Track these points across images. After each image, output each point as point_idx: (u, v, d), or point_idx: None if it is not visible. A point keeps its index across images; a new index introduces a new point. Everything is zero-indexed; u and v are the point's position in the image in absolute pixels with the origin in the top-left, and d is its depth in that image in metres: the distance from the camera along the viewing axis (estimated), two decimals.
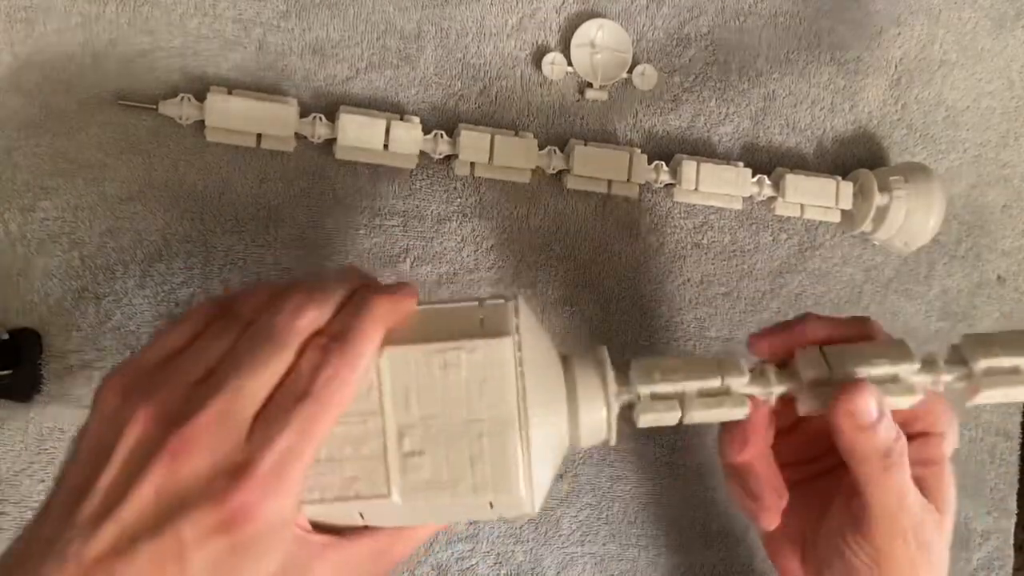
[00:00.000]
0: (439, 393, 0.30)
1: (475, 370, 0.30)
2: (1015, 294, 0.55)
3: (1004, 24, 0.55)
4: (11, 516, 0.43)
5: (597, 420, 0.33)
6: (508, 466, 0.30)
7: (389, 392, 0.30)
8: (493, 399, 0.30)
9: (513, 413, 0.30)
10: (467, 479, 0.30)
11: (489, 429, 0.30)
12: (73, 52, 0.43)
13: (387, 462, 0.30)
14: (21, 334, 0.43)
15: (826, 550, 0.36)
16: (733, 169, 0.49)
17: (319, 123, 0.44)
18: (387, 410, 0.30)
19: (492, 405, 0.30)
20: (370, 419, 0.30)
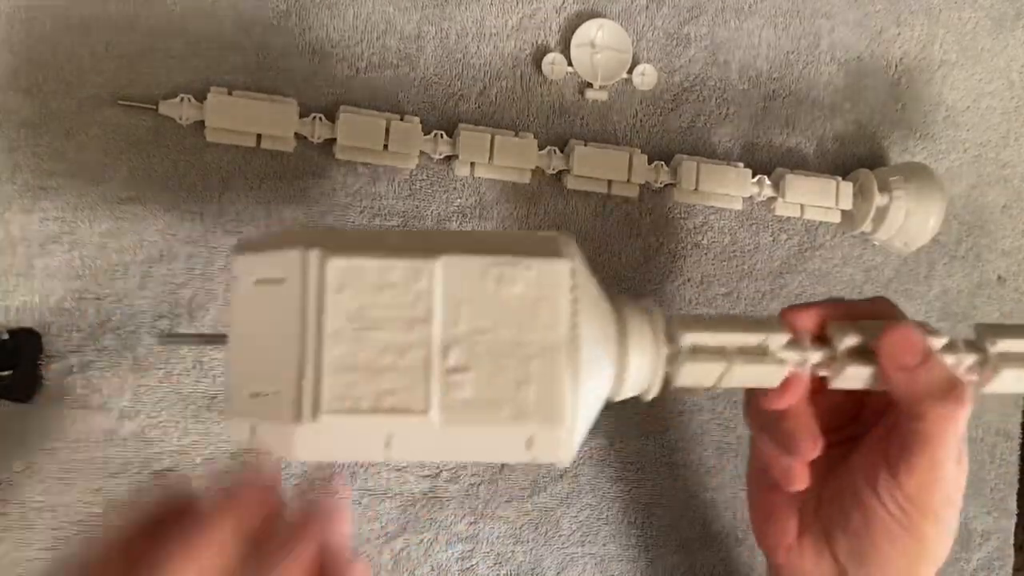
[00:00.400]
0: (491, 308, 0.29)
1: (531, 288, 0.29)
2: (1015, 294, 0.55)
3: (1004, 24, 0.55)
4: (12, 516, 0.43)
5: (645, 365, 0.32)
6: (556, 394, 0.29)
7: (440, 300, 0.29)
8: (546, 321, 0.29)
9: (565, 340, 0.29)
10: (511, 403, 0.29)
11: (539, 353, 0.29)
12: (73, 52, 0.43)
13: (429, 375, 0.28)
14: (21, 334, 0.43)
15: (840, 508, 0.35)
16: (733, 169, 0.49)
17: (319, 123, 0.44)
18: (435, 319, 0.28)
19: (545, 327, 0.29)
20: (416, 327, 0.28)
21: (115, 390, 0.44)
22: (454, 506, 0.47)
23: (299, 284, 0.28)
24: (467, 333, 0.29)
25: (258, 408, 0.29)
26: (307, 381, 0.28)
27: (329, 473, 0.30)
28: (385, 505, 0.47)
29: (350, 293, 0.28)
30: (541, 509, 0.48)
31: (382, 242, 0.30)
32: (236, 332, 0.30)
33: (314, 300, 0.28)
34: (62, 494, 0.43)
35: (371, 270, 0.29)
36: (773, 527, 0.38)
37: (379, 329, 0.28)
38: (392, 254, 0.29)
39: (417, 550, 0.47)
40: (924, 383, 0.32)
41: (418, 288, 0.29)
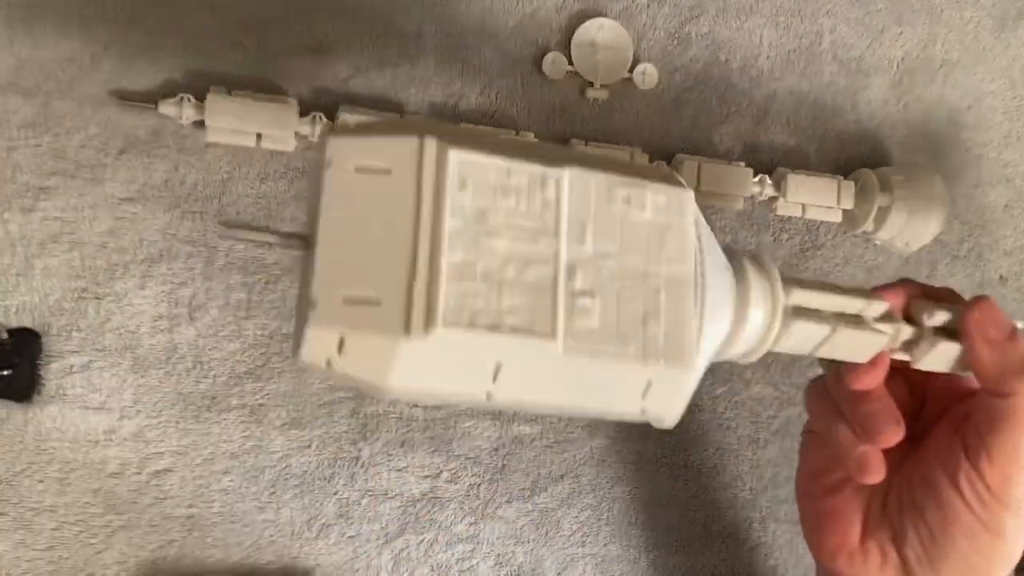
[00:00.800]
0: (618, 230, 0.26)
1: (659, 214, 0.27)
2: (1017, 294, 0.55)
3: (1006, 23, 0.55)
4: (11, 517, 0.43)
5: (763, 318, 0.30)
6: (685, 334, 0.27)
7: (567, 214, 0.26)
8: (673, 252, 0.27)
9: (692, 273, 0.27)
10: (638, 339, 0.26)
11: (667, 285, 0.27)
12: (73, 52, 0.43)
13: (556, 296, 0.25)
14: (20, 334, 0.43)
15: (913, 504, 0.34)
16: (734, 169, 0.48)
17: (319, 122, 0.44)
18: (562, 233, 0.26)
19: (671, 260, 0.27)
20: (542, 239, 0.25)
21: (115, 390, 0.44)
22: (454, 506, 0.47)
23: (413, 176, 0.24)
24: (593, 256, 0.26)
25: (354, 316, 0.24)
26: (420, 287, 0.24)
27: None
28: (385, 505, 0.47)
29: (472, 192, 0.25)
30: (542, 509, 0.48)
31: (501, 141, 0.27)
32: (327, 226, 0.25)
33: (430, 195, 0.24)
34: (62, 494, 0.43)
35: (495, 170, 0.25)
36: (834, 533, 0.36)
37: (502, 236, 0.25)
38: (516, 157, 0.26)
39: (417, 550, 0.47)
40: (1013, 358, 0.32)
41: (544, 197, 0.26)
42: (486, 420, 0.48)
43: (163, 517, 0.45)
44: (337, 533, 0.46)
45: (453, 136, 0.25)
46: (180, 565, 0.45)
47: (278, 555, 0.46)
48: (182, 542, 0.45)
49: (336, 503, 0.46)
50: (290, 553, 0.46)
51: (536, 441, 0.48)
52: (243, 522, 0.45)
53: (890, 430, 0.33)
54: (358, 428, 0.46)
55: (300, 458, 0.46)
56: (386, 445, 0.47)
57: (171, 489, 0.45)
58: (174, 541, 0.45)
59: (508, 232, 0.25)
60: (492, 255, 0.25)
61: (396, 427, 0.47)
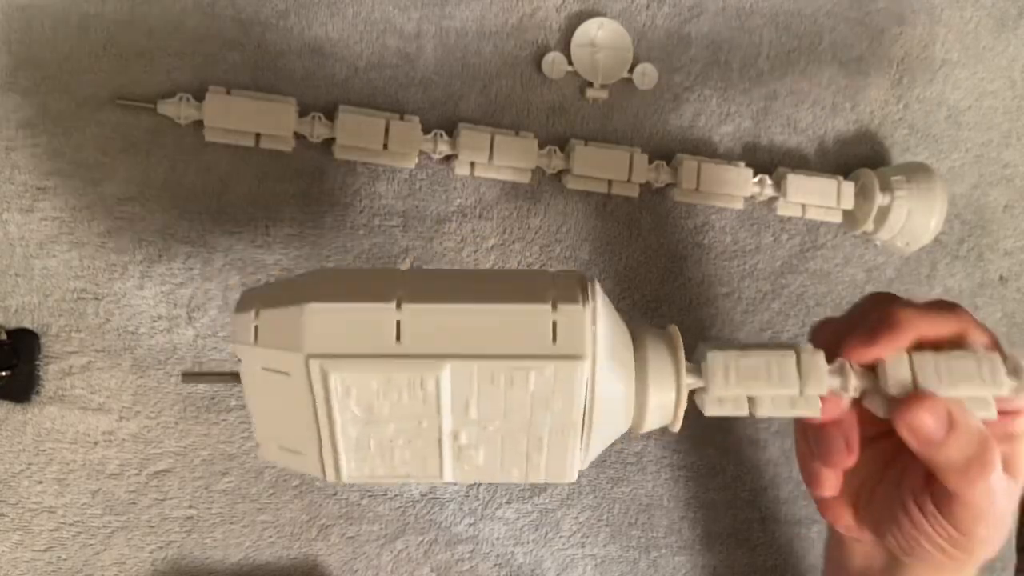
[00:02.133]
0: (500, 404, 0.29)
1: (544, 386, 0.28)
2: (1017, 294, 0.55)
3: (1006, 23, 0.55)
4: (9, 517, 0.43)
5: (664, 405, 0.31)
6: (566, 463, 0.30)
7: (448, 402, 0.29)
8: (559, 408, 0.29)
9: (577, 423, 0.29)
10: (520, 467, 0.30)
11: (550, 434, 0.29)
12: (71, 52, 0.43)
13: (441, 453, 0.30)
14: (20, 335, 0.42)
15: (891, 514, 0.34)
16: (734, 169, 0.48)
17: (318, 122, 0.44)
18: (444, 414, 0.29)
19: (557, 413, 0.29)
20: (426, 420, 0.29)
21: (114, 390, 0.44)
22: (454, 507, 0.47)
23: (305, 385, 0.29)
24: (477, 420, 0.29)
25: (289, 458, 0.31)
26: (327, 455, 0.30)
27: None
28: (385, 506, 0.46)
29: (356, 397, 0.29)
30: (541, 510, 0.48)
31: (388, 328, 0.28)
32: (252, 401, 0.31)
33: (322, 400, 0.29)
34: (61, 495, 0.43)
35: (375, 380, 0.28)
36: (829, 513, 0.37)
37: (389, 423, 0.29)
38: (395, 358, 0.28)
39: (417, 551, 0.47)
40: (944, 457, 0.31)
41: (425, 392, 0.28)
42: None
43: (162, 518, 0.45)
44: (337, 533, 0.46)
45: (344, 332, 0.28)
46: (179, 566, 0.45)
47: (278, 555, 0.45)
48: (181, 543, 0.45)
49: (336, 504, 0.46)
50: (290, 553, 0.46)
51: None
52: (243, 522, 0.45)
53: (839, 457, 0.33)
54: None
55: None
56: None
57: (170, 490, 0.45)
58: (173, 542, 0.45)
59: (394, 420, 0.29)
60: (382, 433, 0.29)
61: None
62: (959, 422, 0.31)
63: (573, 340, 0.28)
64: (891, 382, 0.31)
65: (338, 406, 0.29)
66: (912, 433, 0.30)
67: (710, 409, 0.32)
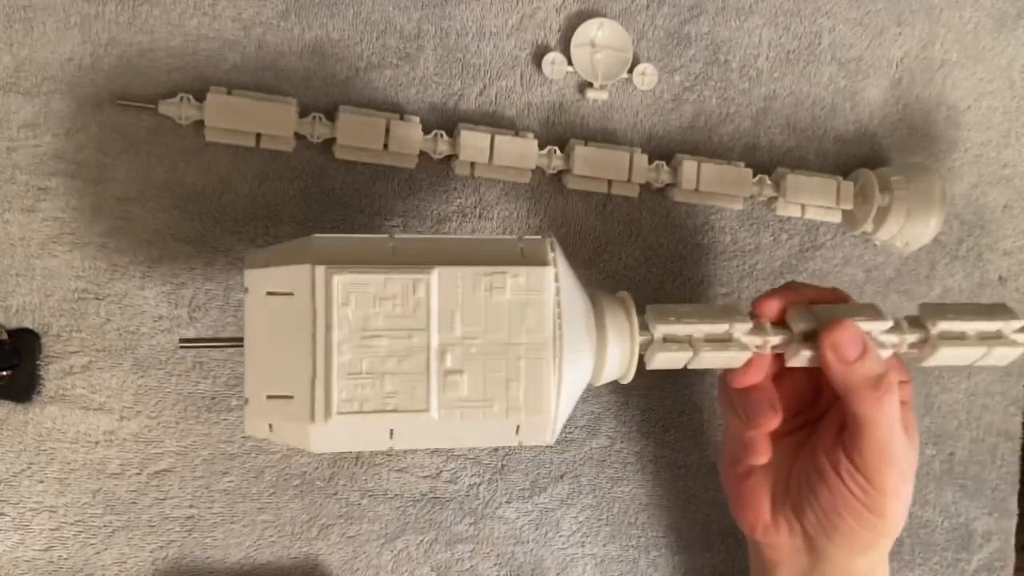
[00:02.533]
0: (482, 314, 0.32)
1: (518, 294, 0.32)
2: (1016, 294, 0.55)
3: (1005, 23, 0.55)
4: (10, 516, 0.43)
5: (622, 355, 0.36)
6: (542, 388, 0.33)
7: (436, 309, 0.32)
8: (533, 323, 0.33)
9: (550, 338, 0.33)
10: (502, 399, 0.33)
11: (527, 353, 0.33)
12: (72, 52, 0.43)
13: (428, 378, 0.32)
14: (21, 335, 0.43)
15: (809, 484, 0.39)
16: (734, 169, 0.48)
17: (319, 123, 0.44)
18: (432, 326, 0.32)
19: (531, 330, 0.33)
20: (416, 335, 0.32)
21: (115, 390, 0.44)
22: (454, 507, 0.47)
23: (308, 297, 0.31)
24: (461, 338, 0.32)
25: (275, 409, 0.32)
26: (319, 386, 0.31)
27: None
28: (385, 506, 0.47)
29: (355, 305, 0.31)
30: (541, 510, 0.48)
31: (381, 251, 0.33)
32: (251, 339, 0.33)
33: (322, 312, 0.31)
34: (61, 494, 0.43)
35: (373, 283, 0.32)
36: (750, 510, 0.41)
37: (381, 337, 0.32)
38: (391, 267, 0.32)
39: (417, 551, 0.47)
40: (859, 375, 0.36)
41: (416, 298, 0.32)
42: None
43: (163, 518, 0.45)
44: (337, 533, 0.46)
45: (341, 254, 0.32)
46: (180, 565, 0.45)
47: (278, 555, 0.46)
48: (182, 543, 0.45)
49: (336, 503, 0.46)
50: (290, 553, 0.46)
51: None
52: (243, 522, 0.45)
53: (766, 417, 0.39)
54: None
55: (300, 458, 0.46)
56: None
57: (171, 489, 0.45)
58: (174, 542, 0.45)
59: (388, 333, 0.32)
60: (375, 352, 0.32)
61: None
62: (868, 345, 0.37)
63: (538, 255, 0.33)
64: (799, 326, 0.38)
65: (337, 316, 0.31)
66: (834, 350, 0.36)
67: (657, 358, 0.37)
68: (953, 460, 0.53)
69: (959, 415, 0.53)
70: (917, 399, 0.53)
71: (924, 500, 0.53)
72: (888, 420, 0.37)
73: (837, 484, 0.38)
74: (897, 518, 0.38)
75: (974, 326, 0.39)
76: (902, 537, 0.52)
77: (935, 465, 0.53)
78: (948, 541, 0.53)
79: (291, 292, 0.32)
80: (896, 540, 0.52)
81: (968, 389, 0.54)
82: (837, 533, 0.38)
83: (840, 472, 0.38)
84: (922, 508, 0.53)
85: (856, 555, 0.39)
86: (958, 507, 0.53)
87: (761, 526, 0.41)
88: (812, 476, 0.39)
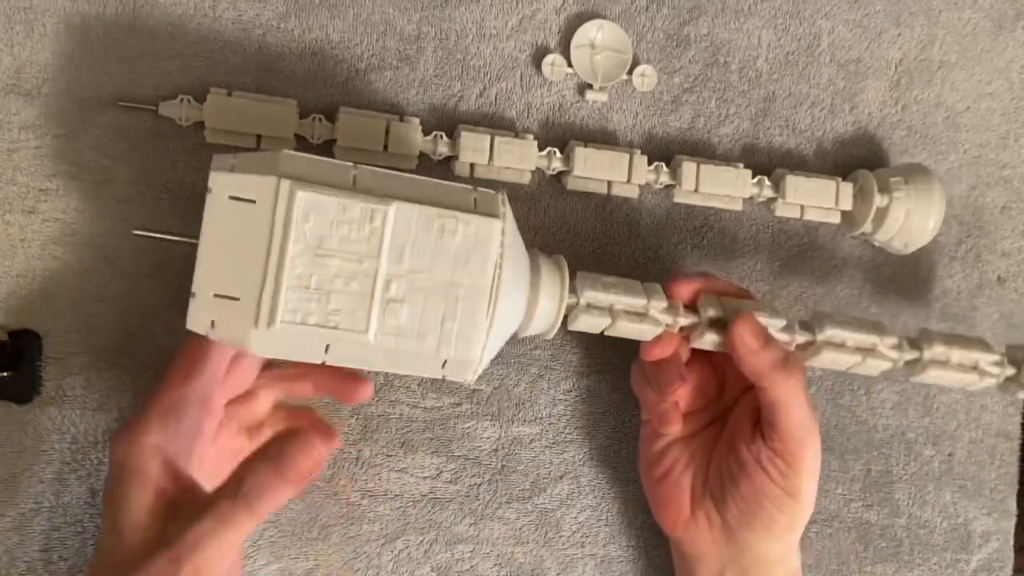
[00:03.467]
0: (431, 252, 0.34)
1: (467, 240, 0.34)
2: (1015, 295, 0.55)
3: (1004, 25, 0.55)
4: (10, 516, 0.43)
5: (550, 312, 0.39)
6: (473, 330, 0.35)
7: (389, 239, 0.33)
8: (475, 269, 0.35)
9: (489, 285, 0.35)
10: (435, 334, 0.35)
11: (465, 295, 0.35)
12: (73, 54, 0.43)
13: (371, 301, 0.34)
14: (21, 335, 0.43)
15: (730, 474, 0.42)
16: (733, 170, 0.49)
17: (319, 124, 0.44)
18: (383, 255, 0.33)
19: (472, 274, 0.35)
20: (366, 261, 0.33)
21: (115, 390, 0.44)
22: (454, 507, 0.47)
23: (269, 208, 0.32)
24: (407, 271, 0.34)
25: (220, 308, 0.33)
26: (267, 294, 0.33)
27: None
28: (385, 506, 0.47)
29: (313, 223, 0.33)
30: (541, 510, 0.48)
31: (343, 176, 0.34)
32: (206, 238, 0.33)
33: (281, 224, 0.32)
34: (61, 494, 0.43)
35: (333, 205, 0.33)
36: (670, 507, 0.44)
37: (333, 257, 0.33)
38: (353, 193, 0.33)
39: (417, 551, 0.47)
40: (765, 360, 0.40)
41: (372, 227, 0.33)
42: (486, 421, 0.48)
43: None
44: (338, 533, 0.46)
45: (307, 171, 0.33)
46: None
47: (278, 555, 0.46)
48: None
49: (337, 504, 0.46)
50: (290, 553, 0.46)
51: (535, 441, 0.48)
52: None
53: (675, 382, 0.42)
54: (358, 429, 0.46)
55: None
56: (386, 446, 0.47)
57: None
58: None
59: (340, 253, 0.33)
60: (325, 270, 0.33)
61: (396, 428, 0.47)
62: (769, 335, 0.41)
63: (489, 207, 0.35)
64: (708, 312, 0.41)
65: (294, 231, 0.32)
66: (740, 339, 0.40)
67: (580, 320, 0.40)
68: (952, 460, 0.53)
69: (958, 415, 0.53)
70: (916, 399, 0.53)
71: (923, 500, 0.53)
72: (800, 398, 0.40)
73: (757, 471, 0.41)
74: (810, 498, 0.42)
75: (855, 337, 0.42)
76: (901, 537, 0.52)
77: (934, 465, 0.53)
78: (947, 541, 0.53)
79: (254, 200, 0.32)
80: (895, 540, 0.52)
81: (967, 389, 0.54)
82: (757, 520, 0.41)
83: (761, 460, 0.41)
84: (921, 508, 0.53)
85: (773, 541, 0.42)
86: (957, 507, 0.53)
87: (682, 523, 0.44)
88: (733, 467, 0.42)
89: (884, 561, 0.52)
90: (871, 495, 0.52)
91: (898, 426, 0.53)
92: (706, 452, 0.44)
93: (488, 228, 0.35)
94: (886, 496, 0.52)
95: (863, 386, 0.52)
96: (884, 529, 0.52)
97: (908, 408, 0.53)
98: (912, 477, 0.53)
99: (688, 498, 0.44)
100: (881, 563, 0.52)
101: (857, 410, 0.52)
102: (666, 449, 0.45)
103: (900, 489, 0.53)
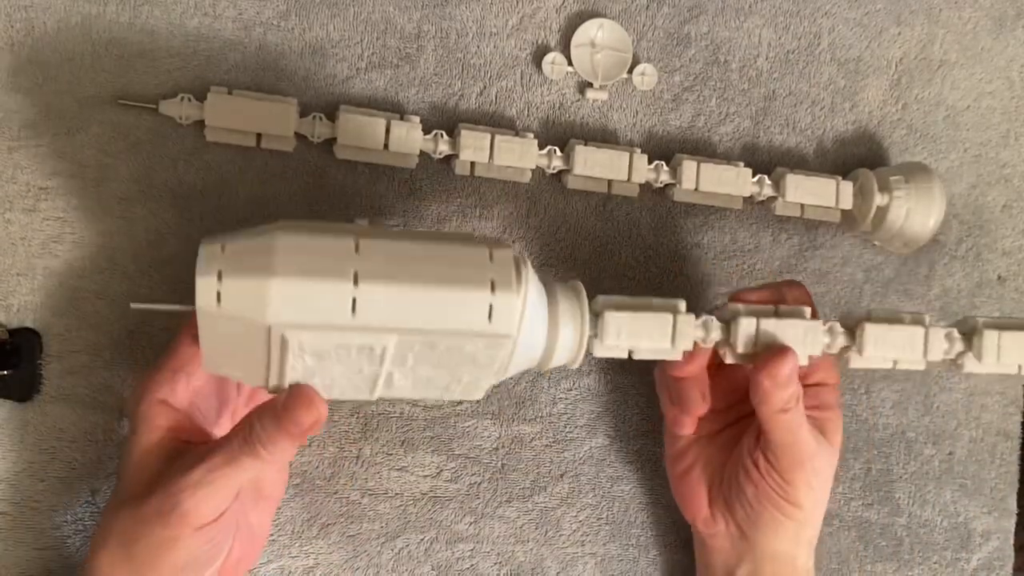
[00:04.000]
0: (435, 358, 0.34)
1: (475, 352, 0.34)
2: (1015, 294, 0.55)
3: (1004, 24, 0.55)
4: (11, 516, 0.43)
5: (571, 345, 0.37)
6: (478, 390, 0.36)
7: (390, 359, 0.34)
8: (483, 364, 0.35)
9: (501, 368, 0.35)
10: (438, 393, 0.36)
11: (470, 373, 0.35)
12: (73, 52, 0.43)
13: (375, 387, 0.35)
14: (22, 334, 0.43)
15: (737, 481, 0.43)
16: (733, 169, 0.48)
17: (319, 122, 0.44)
18: (384, 366, 0.34)
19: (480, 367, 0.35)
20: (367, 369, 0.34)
21: (115, 389, 0.44)
22: (455, 506, 0.47)
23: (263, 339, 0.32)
24: (412, 366, 0.35)
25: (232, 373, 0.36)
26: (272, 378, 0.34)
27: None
28: (386, 505, 0.47)
29: (310, 352, 0.33)
30: (542, 509, 0.48)
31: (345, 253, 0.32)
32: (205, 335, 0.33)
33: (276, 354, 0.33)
34: (62, 494, 0.43)
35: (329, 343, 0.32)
36: (691, 503, 0.45)
37: (336, 366, 0.33)
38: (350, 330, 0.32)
39: (418, 550, 0.47)
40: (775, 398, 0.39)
41: (372, 354, 0.33)
42: (486, 419, 0.48)
43: None
44: (338, 532, 0.46)
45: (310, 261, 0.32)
46: None
47: (278, 553, 0.46)
48: None
49: (337, 502, 0.46)
50: (290, 553, 0.46)
51: (536, 440, 0.48)
52: None
53: (695, 405, 0.43)
54: (359, 427, 0.46)
55: (300, 457, 0.46)
56: (386, 444, 0.47)
57: None
58: None
59: (341, 366, 0.33)
60: (327, 373, 0.34)
61: (396, 426, 0.47)
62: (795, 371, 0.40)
63: (506, 322, 0.33)
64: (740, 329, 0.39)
65: (292, 358, 0.33)
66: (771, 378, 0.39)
67: (599, 353, 0.38)
68: (952, 460, 0.53)
69: (958, 415, 0.54)
70: (916, 398, 0.53)
71: (923, 499, 0.53)
72: (787, 428, 0.40)
73: (759, 480, 0.42)
74: (815, 508, 0.43)
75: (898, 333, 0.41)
76: (901, 536, 0.52)
77: (934, 464, 0.53)
78: (947, 540, 0.53)
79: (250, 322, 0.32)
80: (895, 539, 0.52)
81: (967, 389, 0.54)
82: (762, 522, 0.43)
83: (760, 470, 0.42)
84: (921, 507, 0.53)
85: (784, 542, 0.43)
86: (957, 506, 0.53)
87: (701, 518, 0.45)
88: (739, 474, 0.43)
89: (884, 560, 0.52)
90: (871, 494, 0.52)
91: (898, 425, 0.53)
92: (724, 453, 0.45)
93: (499, 345, 0.34)
94: (886, 495, 0.52)
95: (863, 385, 0.52)
96: (884, 528, 0.52)
97: (908, 407, 0.53)
98: (912, 476, 0.53)
99: (706, 496, 0.45)
100: (881, 562, 0.52)
101: (857, 409, 0.52)
102: (687, 447, 0.46)
103: (900, 488, 0.53)
